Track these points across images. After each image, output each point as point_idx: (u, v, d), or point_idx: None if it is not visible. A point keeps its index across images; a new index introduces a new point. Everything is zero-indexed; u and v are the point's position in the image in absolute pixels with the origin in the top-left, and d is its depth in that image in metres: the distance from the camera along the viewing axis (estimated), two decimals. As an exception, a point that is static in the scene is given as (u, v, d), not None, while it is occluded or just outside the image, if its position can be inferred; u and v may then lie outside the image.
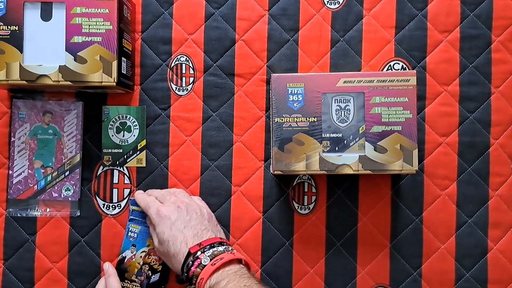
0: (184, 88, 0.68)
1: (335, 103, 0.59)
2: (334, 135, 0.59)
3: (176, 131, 0.68)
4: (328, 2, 0.68)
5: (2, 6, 0.60)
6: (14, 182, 0.66)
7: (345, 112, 0.59)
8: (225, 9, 0.68)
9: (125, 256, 0.63)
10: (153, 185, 0.67)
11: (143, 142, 0.68)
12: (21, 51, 0.60)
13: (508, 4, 0.68)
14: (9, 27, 0.60)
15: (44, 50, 0.60)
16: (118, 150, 0.67)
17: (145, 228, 0.63)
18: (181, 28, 0.68)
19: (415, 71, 0.59)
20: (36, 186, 0.66)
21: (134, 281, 0.61)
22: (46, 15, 0.60)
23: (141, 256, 0.62)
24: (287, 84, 0.59)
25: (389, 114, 0.59)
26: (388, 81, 0.59)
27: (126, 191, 0.67)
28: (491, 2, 0.68)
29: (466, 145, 0.67)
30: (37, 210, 0.66)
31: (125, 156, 0.67)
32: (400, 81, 0.58)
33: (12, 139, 0.67)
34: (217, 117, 0.68)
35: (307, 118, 0.59)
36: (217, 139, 0.68)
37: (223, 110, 0.68)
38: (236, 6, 0.68)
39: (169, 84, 0.68)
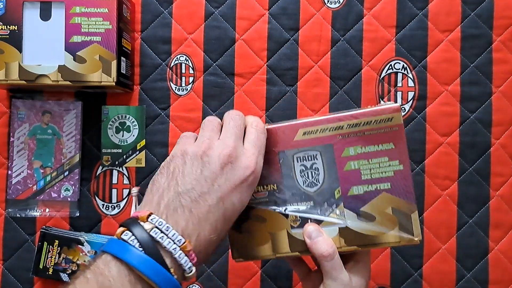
0: (184, 87, 0.68)
1: (297, 162, 0.45)
2: (303, 204, 0.45)
3: (176, 131, 0.68)
4: (328, 1, 0.68)
5: (1, 6, 0.60)
6: (13, 182, 0.66)
7: (313, 173, 0.45)
8: (225, 8, 0.68)
9: None
10: (153, 185, 0.67)
11: (143, 142, 0.67)
12: (20, 50, 0.60)
13: (509, 4, 0.68)
14: (8, 26, 0.60)
15: (43, 49, 0.60)
16: (117, 150, 0.67)
17: None
18: (180, 27, 0.68)
19: (398, 104, 0.44)
20: (35, 186, 0.66)
21: None
22: (45, 15, 0.60)
23: None
24: None
25: (370, 169, 0.44)
26: (363, 124, 0.44)
27: (126, 191, 0.67)
28: (492, 2, 0.68)
29: (467, 145, 0.67)
30: (36, 211, 0.66)
31: (125, 156, 0.67)
32: (379, 122, 0.44)
33: (11, 139, 0.66)
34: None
35: (265, 187, 0.45)
36: (217, 139, 0.67)
37: (223, 110, 0.68)
38: (236, 6, 0.68)
39: (168, 83, 0.68)
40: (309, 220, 0.45)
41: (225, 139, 0.41)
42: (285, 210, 0.45)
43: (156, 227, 0.36)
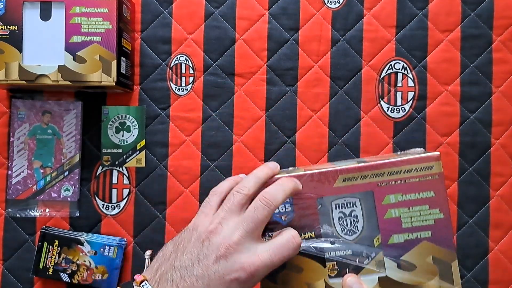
0: (184, 87, 0.68)
1: (336, 209, 0.44)
2: (341, 253, 0.44)
3: (176, 131, 0.68)
4: (328, 1, 0.68)
5: (1, 6, 0.60)
6: (13, 182, 0.66)
7: (352, 220, 0.44)
8: (225, 8, 0.68)
9: None
10: (152, 186, 0.67)
11: (143, 142, 0.67)
12: (20, 50, 0.60)
13: (509, 4, 0.68)
14: (8, 26, 0.60)
15: (43, 49, 0.60)
16: (117, 150, 0.67)
17: None
18: (180, 27, 0.68)
19: (438, 153, 0.43)
20: (35, 186, 0.66)
21: None
22: (45, 15, 0.60)
23: None
24: None
25: (411, 217, 0.43)
26: (403, 172, 0.43)
27: (125, 191, 0.67)
28: (492, 2, 0.68)
29: (467, 145, 0.67)
30: (36, 211, 0.66)
31: (125, 156, 0.67)
32: (419, 170, 0.43)
33: (11, 139, 0.66)
34: (217, 117, 0.68)
35: (302, 235, 0.44)
36: (217, 139, 0.67)
37: (223, 110, 0.68)
38: (236, 6, 0.68)
39: (168, 83, 0.68)
40: (347, 270, 0.44)
41: (234, 229, 0.40)
42: (323, 259, 0.44)
43: None
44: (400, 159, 0.44)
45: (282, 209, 0.44)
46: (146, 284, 0.40)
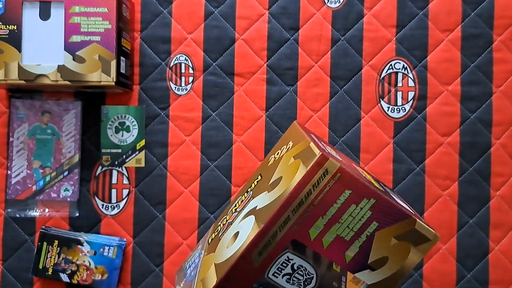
0: (184, 87, 0.68)
1: (277, 277, 0.41)
2: None
3: (176, 131, 0.68)
4: (328, 1, 0.68)
5: (1, 6, 0.59)
6: (12, 183, 0.66)
7: (300, 272, 0.42)
8: (224, 8, 0.68)
9: None
10: (152, 185, 0.67)
11: (142, 142, 0.67)
12: (20, 50, 0.59)
13: (510, 3, 0.68)
14: (7, 26, 0.59)
15: (43, 49, 0.60)
16: (117, 150, 0.67)
17: None
18: (180, 27, 0.68)
19: (320, 153, 0.39)
20: (34, 186, 0.66)
21: None
22: (44, 15, 0.60)
23: None
24: None
25: (348, 226, 0.41)
26: (305, 198, 0.40)
27: (125, 192, 0.67)
28: (492, 1, 0.68)
29: (468, 145, 0.67)
30: (36, 211, 0.66)
31: (124, 156, 0.67)
32: (318, 184, 0.40)
33: (11, 139, 0.66)
34: (216, 117, 0.68)
35: None
36: (217, 139, 0.67)
37: (222, 109, 0.68)
38: (235, 5, 0.68)
39: (168, 83, 0.68)
40: None
41: None
42: None
43: None
44: (291, 190, 0.38)
45: None
46: None
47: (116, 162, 0.67)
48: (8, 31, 0.59)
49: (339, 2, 0.68)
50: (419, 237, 0.40)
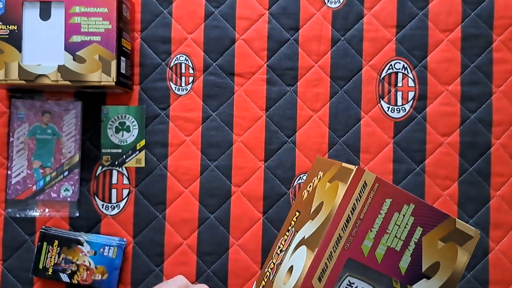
0: (184, 87, 0.68)
1: None
2: None
3: (176, 131, 0.68)
4: (328, 1, 0.68)
5: (1, 6, 0.59)
6: (13, 183, 0.66)
7: None
8: (225, 8, 0.68)
9: None
10: (152, 186, 0.67)
11: (142, 142, 0.67)
12: (20, 50, 0.59)
13: (509, 3, 0.68)
14: (8, 26, 0.59)
15: (43, 49, 0.60)
16: (117, 150, 0.67)
17: None
18: (180, 27, 0.68)
19: (357, 166, 0.41)
20: (35, 186, 0.66)
21: None
22: (45, 15, 0.60)
23: None
24: None
25: (395, 235, 0.42)
26: (351, 214, 0.41)
27: (125, 192, 0.67)
28: (492, 1, 0.68)
29: (468, 145, 0.67)
30: (36, 211, 0.66)
31: (124, 156, 0.67)
32: (360, 198, 0.41)
33: (11, 139, 0.66)
34: (216, 117, 0.68)
35: None
36: (217, 139, 0.67)
37: (222, 109, 0.68)
38: (236, 5, 0.68)
39: (168, 83, 0.68)
40: None
41: None
42: None
43: None
44: (337, 209, 0.39)
45: None
46: None
47: (116, 162, 0.67)
48: (8, 31, 0.59)
49: (339, 2, 0.68)
50: (462, 236, 0.41)
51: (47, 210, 0.66)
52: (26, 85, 0.60)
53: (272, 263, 0.46)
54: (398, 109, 0.67)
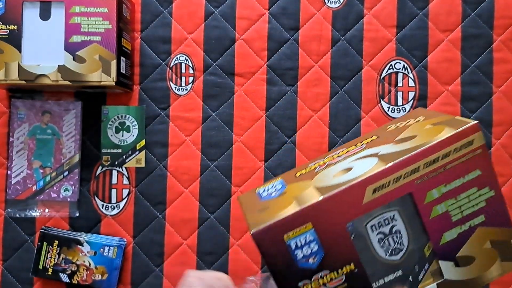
0: (184, 87, 0.68)
1: (373, 232, 0.38)
2: (390, 276, 0.38)
3: (176, 131, 0.68)
4: (328, 1, 0.68)
5: (1, 6, 0.59)
6: (12, 183, 0.66)
7: (395, 238, 0.38)
8: (225, 8, 0.68)
9: None
10: (152, 186, 0.67)
11: (142, 142, 0.67)
12: (20, 50, 0.59)
13: (510, 3, 0.68)
14: (7, 26, 0.59)
15: (43, 49, 0.60)
16: (117, 150, 0.67)
17: None
18: (180, 27, 0.68)
19: (476, 121, 0.37)
20: (35, 186, 0.66)
21: None
22: (45, 15, 0.60)
23: None
24: (284, 237, 0.36)
25: (460, 207, 0.37)
26: (442, 158, 0.36)
27: (125, 192, 0.67)
28: (492, 1, 0.68)
29: (468, 145, 0.67)
30: (36, 211, 0.66)
31: (124, 156, 0.67)
32: (459, 150, 0.36)
33: (11, 139, 0.66)
34: (216, 117, 0.68)
35: (340, 270, 0.36)
36: (217, 139, 0.67)
37: (223, 109, 0.68)
38: (236, 5, 0.68)
39: (168, 83, 0.68)
40: None
41: None
42: None
43: None
44: (434, 143, 0.36)
45: (306, 252, 0.36)
46: None
47: (116, 162, 0.67)
48: (8, 31, 0.59)
49: (339, 2, 0.68)
50: (509, 253, 0.38)
51: (47, 210, 0.66)
52: (26, 85, 0.60)
53: (323, 162, 0.42)
54: (398, 109, 0.67)
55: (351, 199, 0.35)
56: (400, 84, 0.67)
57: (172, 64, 0.68)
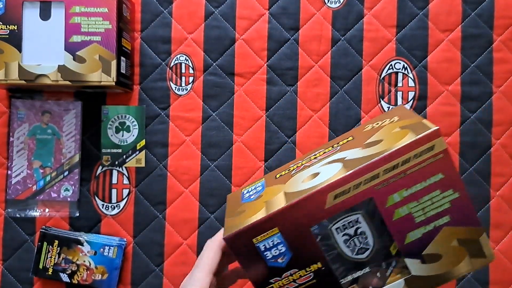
0: (184, 87, 0.68)
1: (338, 233, 0.40)
2: (358, 273, 0.40)
3: (176, 131, 0.68)
4: (328, 1, 0.68)
5: (1, 6, 0.59)
6: (13, 183, 0.66)
7: (360, 239, 0.40)
8: (225, 8, 0.68)
9: None
10: (152, 186, 0.67)
11: (142, 142, 0.67)
12: (20, 50, 0.59)
13: (510, 3, 0.68)
14: (8, 26, 0.59)
15: (43, 49, 0.60)
16: (117, 150, 0.67)
17: None
18: (180, 27, 0.68)
19: (437, 127, 0.37)
20: (35, 186, 0.66)
21: None
22: (45, 15, 0.60)
23: None
24: (253, 241, 0.38)
25: (423, 209, 0.38)
26: (401, 164, 0.37)
27: (125, 192, 0.67)
28: (492, 1, 0.68)
29: (468, 145, 0.67)
30: (36, 211, 0.66)
31: (124, 156, 0.67)
32: (419, 156, 0.37)
33: (11, 139, 0.66)
34: (216, 117, 0.68)
35: (308, 269, 0.39)
36: (217, 139, 0.67)
37: (223, 109, 0.68)
38: (236, 5, 0.68)
39: (168, 83, 0.68)
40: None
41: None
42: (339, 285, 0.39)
43: None
44: (393, 150, 0.37)
45: (275, 253, 0.38)
46: None
47: (116, 162, 0.67)
48: (8, 31, 0.59)
49: (339, 2, 0.68)
50: (478, 250, 0.39)
51: (47, 210, 0.66)
52: (26, 85, 0.60)
53: (301, 163, 0.45)
54: (398, 109, 0.67)
55: (314, 205, 0.37)
56: (400, 84, 0.67)
57: (172, 64, 0.68)
